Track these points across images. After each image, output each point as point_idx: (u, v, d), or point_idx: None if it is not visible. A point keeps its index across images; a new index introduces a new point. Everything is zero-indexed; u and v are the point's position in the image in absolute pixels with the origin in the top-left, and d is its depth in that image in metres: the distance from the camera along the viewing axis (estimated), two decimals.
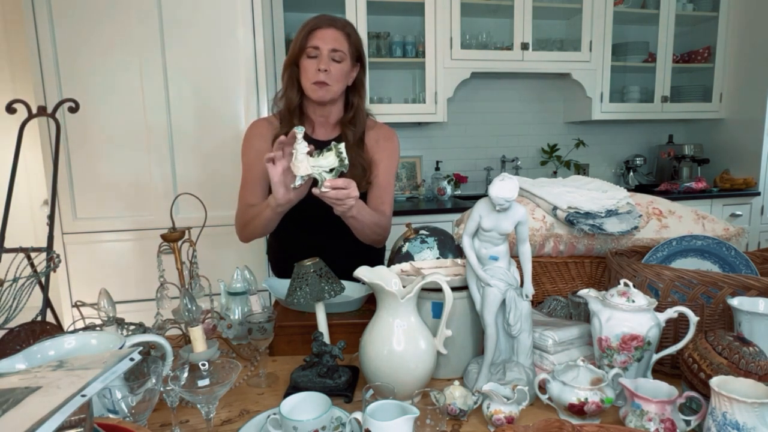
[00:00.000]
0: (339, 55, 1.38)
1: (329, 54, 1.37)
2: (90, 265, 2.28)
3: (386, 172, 1.51)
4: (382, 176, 1.50)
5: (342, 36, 1.39)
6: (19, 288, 1.20)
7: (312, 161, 0.94)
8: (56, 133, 1.50)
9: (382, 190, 1.50)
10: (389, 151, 1.53)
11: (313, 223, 1.48)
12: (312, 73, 1.38)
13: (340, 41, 1.38)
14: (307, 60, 1.38)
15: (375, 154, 1.50)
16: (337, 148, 0.98)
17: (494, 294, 0.94)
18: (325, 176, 0.94)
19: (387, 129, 1.56)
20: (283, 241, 1.62)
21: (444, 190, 3.25)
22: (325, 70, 1.37)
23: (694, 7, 3.47)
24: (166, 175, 2.30)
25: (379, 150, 1.51)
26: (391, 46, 3.08)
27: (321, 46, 1.37)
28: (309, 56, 1.38)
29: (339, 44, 1.38)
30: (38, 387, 0.52)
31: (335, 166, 0.96)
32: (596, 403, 0.85)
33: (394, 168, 1.56)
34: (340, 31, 1.39)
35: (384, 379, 0.90)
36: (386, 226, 1.50)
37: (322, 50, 1.37)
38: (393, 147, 1.54)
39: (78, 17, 2.14)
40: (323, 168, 0.95)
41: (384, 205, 1.49)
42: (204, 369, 0.85)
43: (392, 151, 1.54)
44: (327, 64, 1.37)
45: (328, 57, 1.37)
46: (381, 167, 1.50)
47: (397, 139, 1.56)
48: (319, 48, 1.37)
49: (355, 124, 1.48)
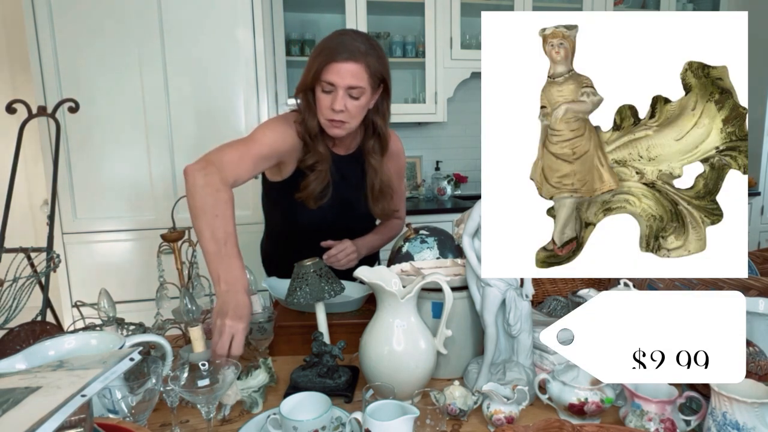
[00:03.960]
0: (357, 92, 1.24)
1: (346, 91, 1.23)
2: (90, 265, 2.28)
3: (399, 180, 1.57)
4: (396, 185, 1.54)
5: (362, 69, 1.23)
6: (19, 288, 1.20)
7: (241, 384, 0.93)
8: (56, 133, 1.50)
9: (396, 197, 1.54)
10: (398, 158, 1.55)
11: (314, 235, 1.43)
12: (326, 111, 1.26)
13: (358, 76, 1.23)
14: (322, 94, 1.25)
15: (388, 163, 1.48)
16: (266, 365, 0.99)
17: (494, 294, 0.94)
18: (255, 397, 0.94)
19: (395, 135, 1.52)
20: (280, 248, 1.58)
21: (444, 190, 3.25)
22: (341, 111, 1.24)
23: (694, 7, 3.47)
24: (166, 175, 2.30)
25: (392, 160, 1.51)
26: (391, 46, 3.08)
27: (337, 83, 1.22)
28: (323, 90, 1.25)
29: (357, 80, 1.23)
30: (38, 387, 0.52)
31: (265, 383, 0.97)
32: (596, 403, 0.85)
33: (404, 170, 1.62)
34: (360, 64, 1.23)
35: (384, 379, 0.90)
36: (400, 229, 1.61)
37: (337, 87, 1.23)
38: (401, 152, 1.56)
39: (78, 17, 2.14)
40: (252, 388, 0.94)
41: (399, 212, 1.60)
42: (204, 369, 0.85)
43: (401, 157, 1.57)
44: (343, 102, 1.23)
45: (345, 94, 1.24)
46: (394, 177, 1.52)
47: (400, 142, 1.56)
48: (334, 84, 1.23)
49: (382, 149, 1.42)
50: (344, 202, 1.43)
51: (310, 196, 1.35)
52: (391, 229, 1.61)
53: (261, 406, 0.95)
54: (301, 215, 1.40)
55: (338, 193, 1.40)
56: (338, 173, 1.40)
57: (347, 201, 1.44)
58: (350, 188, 1.44)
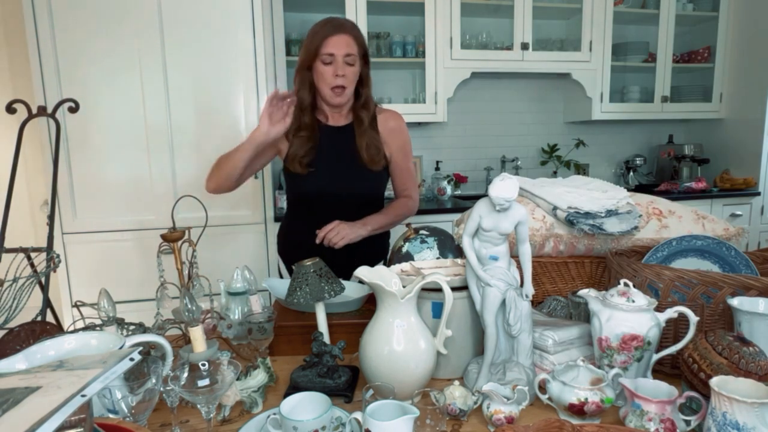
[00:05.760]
0: (352, 59, 1.48)
1: (343, 59, 1.47)
2: (90, 265, 2.28)
3: (404, 157, 1.66)
4: (402, 162, 1.65)
5: (352, 40, 1.49)
6: (19, 288, 1.20)
7: (240, 384, 0.94)
8: (56, 133, 1.50)
9: (403, 174, 1.67)
10: (398, 135, 1.64)
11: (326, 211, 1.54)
12: (330, 79, 1.48)
13: (351, 46, 1.48)
14: (323, 66, 1.48)
15: (389, 140, 1.61)
16: (265, 364, 1.00)
17: (494, 294, 0.94)
18: (255, 397, 0.94)
19: (393, 112, 1.67)
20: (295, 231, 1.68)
21: (444, 190, 3.25)
22: (343, 75, 1.48)
23: (694, 7, 3.47)
24: (166, 175, 2.30)
25: (393, 136, 1.62)
26: (391, 46, 3.08)
27: (336, 53, 1.46)
28: (324, 63, 1.48)
29: (351, 48, 1.48)
30: (38, 387, 0.52)
31: (264, 383, 0.97)
32: (596, 403, 0.85)
33: (410, 148, 1.69)
34: (350, 36, 1.48)
35: (384, 379, 0.90)
36: (413, 208, 1.69)
37: (336, 57, 1.47)
38: (402, 128, 1.66)
39: (78, 17, 2.14)
40: (252, 389, 0.95)
41: (408, 190, 1.69)
42: (204, 369, 0.85)
43: (402, 134, 1.65)
44: (343, 69, 1.47)
45: (343, 62, 1.47)
46: (399, 154, 1.63)
47: (403, 120, 1.67)
48: (334, 55, 1.46)
49: (366, 108, 1.59)
50: (341, 169, 1.56)
51: (295, 159, 1.54)
52: (400, 207, 1.65)
53: (261, 406, 0.95)
54: (303, 185, 1.57)
55: (333, 158, 1.56)
56: (332, 140, 1.57)
57: (344, 167, 1.56)
58: (345, 155, 1.56)
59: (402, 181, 1.68)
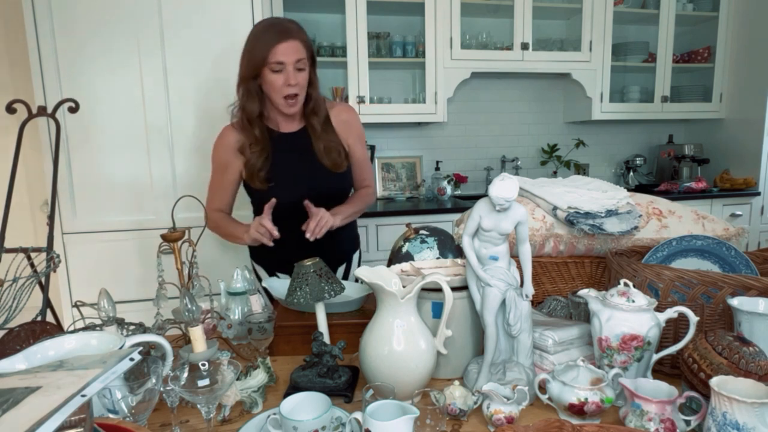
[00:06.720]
0: (302, 63, 1.44)
1: (294, 66, 1.42)
2: (90, 265, 2.27)
3: (360, 149, 1.65)
4: (358, 153, 1.64)
5: (300, 45, 1.43)
6: (19, 288, 1.20)
7: (240, 384, 0.94)
8: (56, 133, 1.50)
9: (361, 166, 1.66)
10: (353, 126, 1.63)
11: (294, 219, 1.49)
12: (282, 88, 1.43)
13: (300, 50, 1.43)
14: (272, 75, 1.42)
15: (344, 133, 1.60)
16: (265, 364, 1.00)
17: (494, 294, 0.94)
18: (255, 397, 0.94)
19: (344, 105, 1.67)
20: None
21: (444, 190, 3.25)
22: (296, 84, 1.43)
23: (694, 7, 3.47)
24: (166, 175, 2.30)
25: (347, 129, 1.61)
26: (391, 46, 3.08)
27: (285, 60, 1.40)
28: (273, 71, 1.42)
29: (300, 53, 1.43)
30: (38, 387, 0.52)
31: (264, 382, 0.97)
32: (596, 403, 0.85)
33: (364, 139, 1.68)
34: (297, 40, 1.42)
35: (384, 379, 0.90)
36: (372, 198, 1.69)
37: (286, 64, 1.41)
38: (355, 120, 1.64)
39: (78, 17, 2.14)
40: (252, 389, 0.95)
41: (366, 180, 1.69)
42: (204, 369, 0.85)
43: (356, 125, 1.64)
44: (295, 77, 1.42)
45: (294, 69, 1.42)
46: (355, 146, 1.63)
47: (355, 112, 1.67)
48: (283, 63, 1.40)
49: (317, 113, 1.55)
50: (303, 176, 1.55)
51: (253, 175, 1.51)
52: (362, 198, 1.65)
53: (261, 406, 0.95)
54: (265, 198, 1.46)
55: (292, 167, 1.55)
56: (288, 149, 1.55)
57: (306, 174, 1.55)
58: (305, 161, 1.55)
59: (360, 172, 1.66)
